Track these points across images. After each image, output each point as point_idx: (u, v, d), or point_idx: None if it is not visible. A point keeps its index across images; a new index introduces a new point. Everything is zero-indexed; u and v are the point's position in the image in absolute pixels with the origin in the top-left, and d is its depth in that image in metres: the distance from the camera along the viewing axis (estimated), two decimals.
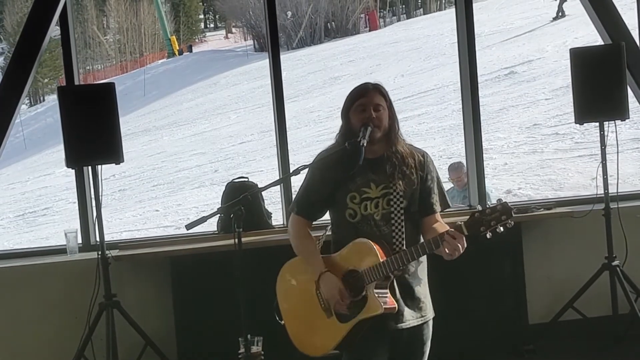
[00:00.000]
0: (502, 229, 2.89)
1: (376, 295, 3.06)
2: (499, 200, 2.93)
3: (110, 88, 4.90)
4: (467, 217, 2.99)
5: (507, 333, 5.30)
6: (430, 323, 3.32)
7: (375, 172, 3.18)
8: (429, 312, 3.31)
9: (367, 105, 3.18)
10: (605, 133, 5.31)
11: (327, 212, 3.35)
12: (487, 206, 2.92)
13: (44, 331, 5.21)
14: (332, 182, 3.21)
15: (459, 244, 2.93)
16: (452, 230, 2.93)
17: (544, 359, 5.17)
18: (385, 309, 3.06)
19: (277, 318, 3.37)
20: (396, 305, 3.11)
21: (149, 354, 5.01)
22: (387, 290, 3.10)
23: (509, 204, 2.89)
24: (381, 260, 3.05)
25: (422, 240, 3.24)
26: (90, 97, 4.89)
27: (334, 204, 3.24)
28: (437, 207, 3.26)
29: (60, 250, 5.41)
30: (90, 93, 5.00)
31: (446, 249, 2.95)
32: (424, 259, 3.26)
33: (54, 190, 18.67)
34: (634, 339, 5.19)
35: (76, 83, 5.49)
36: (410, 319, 3.21)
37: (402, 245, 3.13)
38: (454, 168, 8.01)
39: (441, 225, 3.20)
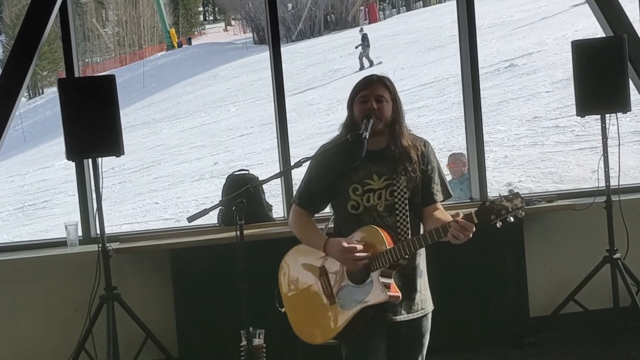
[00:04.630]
0: (512, 218, 2.89)
1: (381, 282, 3.05)
2: (511, 190, 2.93)
3: (110, 80, 4.89)
4: (477, 206, 2.99)
5: (509, 325, 5.30)
6: (430, 315, 3.31)
7: (378, 164, 3.17)
8: (429, 305, 3.30)
9: (368, 96, 3.17)
10: (607, 126, 5.30)
11: (330, 205, 3.35)
12: (499, 196, 2.91)
13: (44, 324, 5.20)
14: (334, 174, 3.20)
15: (467, 231, 2.92)
16: (462, 219, 2.92)
17: (545, 351, 5.17)
18: (390, 297, 3.05)
19: (278, 305, 3.37)
20: (400, 294, 3.10)
21: (150, 347, 5.01)
22: (392, 279, 3.09)
23: (521, 195, 2.89)
24: (389, 247, 3.04)
25: (422, 229, 3.23)
26: (90, 89, 4.87)
27: (336, 195, 3.23)
28: (438, 197, 3.25)
29: (61, 243, 5.41)
30: (91, 85, 4.99)
31: (454, 236, 2.94)
32: (423, 251, 3.26)
33: (53, 183, 18.67)
34: (635, 332, 5.19)
35: (76, 75, 5.48)
36: (408, 311, 3.20)
37: (408, 235, 3.12)
38: (453, 155, 8.20)
39: (442, 213, 3.20)
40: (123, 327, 4.96)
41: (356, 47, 28.28)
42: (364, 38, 28.16)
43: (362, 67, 27.00)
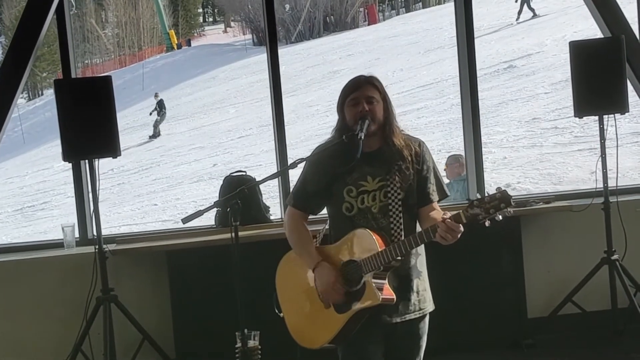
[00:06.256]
0: (500, 217, 2.86)
1: (374, 285, 3.04)
2: (499, 188, 2.90)
3: (107, 81, 4.88)
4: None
5: (507, 327, 5.29)
6: (427, 317, 3.30)
7: (372, 165, 3.16)
8: (428, 305, 3.28)
9: (359, 98, 3.16)
10: (605, 127, 5.29)
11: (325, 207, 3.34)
12: (486, 194, 2.89)
13: (41, 325, 5.20)
14: (328, 176, 3.19)
15: (455, 232, 2.90)
16: (449, 219, 2.90)
17: (543, 352, 5.17)
18: (383, 299, 3.04)
19: (277, 310, 3.36)
20: (394, 296, 3.09)
21: (147, 348, 5.01)
22: (386, 281, 3.08)
23: (508, 192, 2.87)
24: (380, 250, 3.03)
25: (419, 229, 3.22)
26: (87, 90, 4.87)
27: (331, 197, 3.22)
28: (434, 197, 3.24)
29: (58, 245, 5.41)
30: (87, 86, 4.98)
31: (442, 236, 2.92)
32: (422, 251, 3.24)
33: (52, 185, 18.67)
34: (633, 333, 5.18)
35: (73, 76, 5.47)
36: (406, 312, 3.19)
37: (401, 236, 3.11)
38: (451, 156, 8.20)
39: (438, 213, 3.17)
40: (120, 328, 4.96)
41: (150, 114, 24.07)
42: (160, 104, 24.56)
43: (154, 135, 23.37)
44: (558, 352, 5.16)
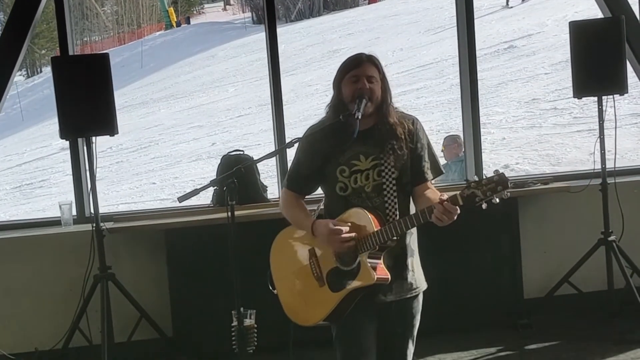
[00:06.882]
0: (497, 199, 2.85)
1: (369, 265, 3.04)
2: (496, 170, 2.88)
3: (104, 58, 4.86)
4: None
5: (503, 307, 5.32)
6: (421, 296, 3.29)
7: (365, 144, 3.14)
8: (421, 284, 3.28)
9: (359, 76, 3.13)
10: (604, 108, 5.28)
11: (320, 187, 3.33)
12: (483, 177, 2.88)
13: (38, 303, 5.21)
14: (322, 156, 3.17)
15: (452, 214, 2.90)
16: (447, 201, 2.89)
17: (539, 333, 5.19)
18: (377, 279, 3.04)
19: (270, 287, 3.37)
20: (389, 276, 3.09)
21: (144, 326, 5.03)
22: (380, 261, 3.07)
23: (505, 175, 2.86)
24: (375, 229, 3.03)
25: (413, 208, 3.21)
26: (84, 67, 4.85)
27: (325, 178, 3.21)
28: (429, 175, 3.22)
29: (55, 222, 5.41)
30: (85, 63, 4.96)
31: (438, 218, 2.91)
32: (414, 229, 3.23)
33: (51, 162, 18.63)
34: (629, 314, 5.19)
35: (71, 54, 5.45)
36: (399, 291, 3.18)
37: (396, 215, 3.10)
38: (448, 137, 8.15)
39: (433, 192, 3.14)
40: (117, 306, 4.97)
41: None
42: None
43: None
44: (554, 333, 5.18)
